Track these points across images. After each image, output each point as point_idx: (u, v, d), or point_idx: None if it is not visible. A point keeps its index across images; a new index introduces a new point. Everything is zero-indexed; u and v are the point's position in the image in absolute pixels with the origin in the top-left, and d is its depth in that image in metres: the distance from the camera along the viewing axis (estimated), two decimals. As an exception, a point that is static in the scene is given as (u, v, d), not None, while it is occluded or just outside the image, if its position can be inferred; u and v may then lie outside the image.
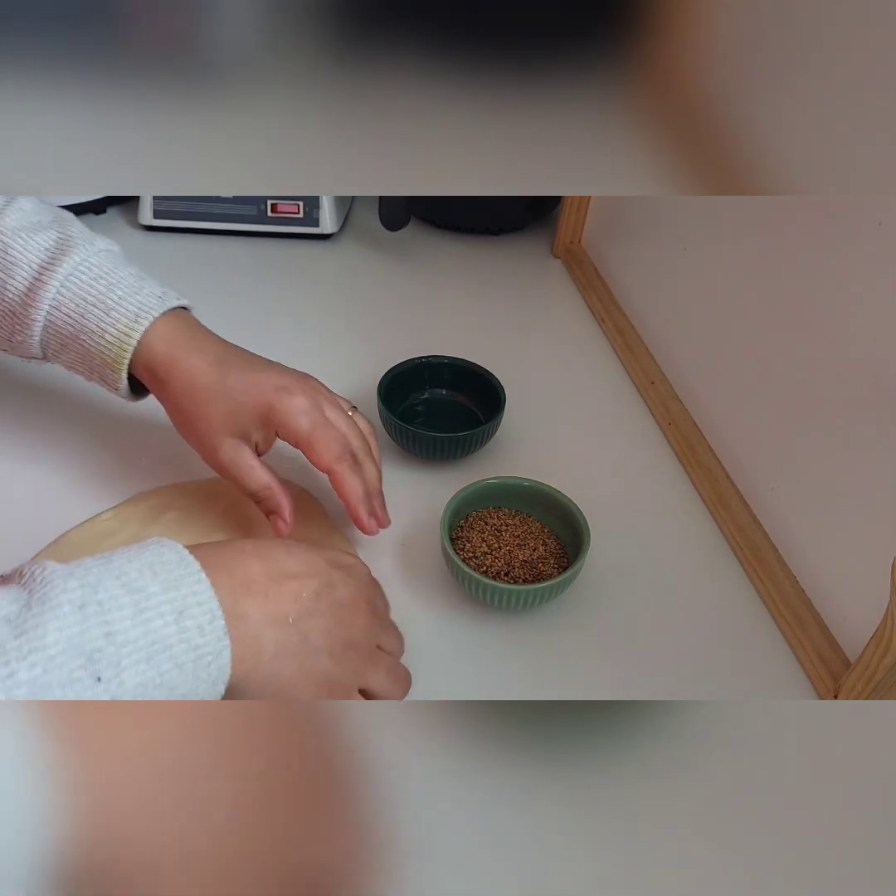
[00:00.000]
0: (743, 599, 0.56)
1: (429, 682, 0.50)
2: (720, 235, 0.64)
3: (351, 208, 0.98)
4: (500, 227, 0.95)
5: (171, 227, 0.90)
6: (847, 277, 0.50)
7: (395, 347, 0.71)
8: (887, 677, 0.44)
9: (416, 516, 0.60)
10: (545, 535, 0.56)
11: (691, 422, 0.68)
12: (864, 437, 0.49)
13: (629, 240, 0.81)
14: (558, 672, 0.51)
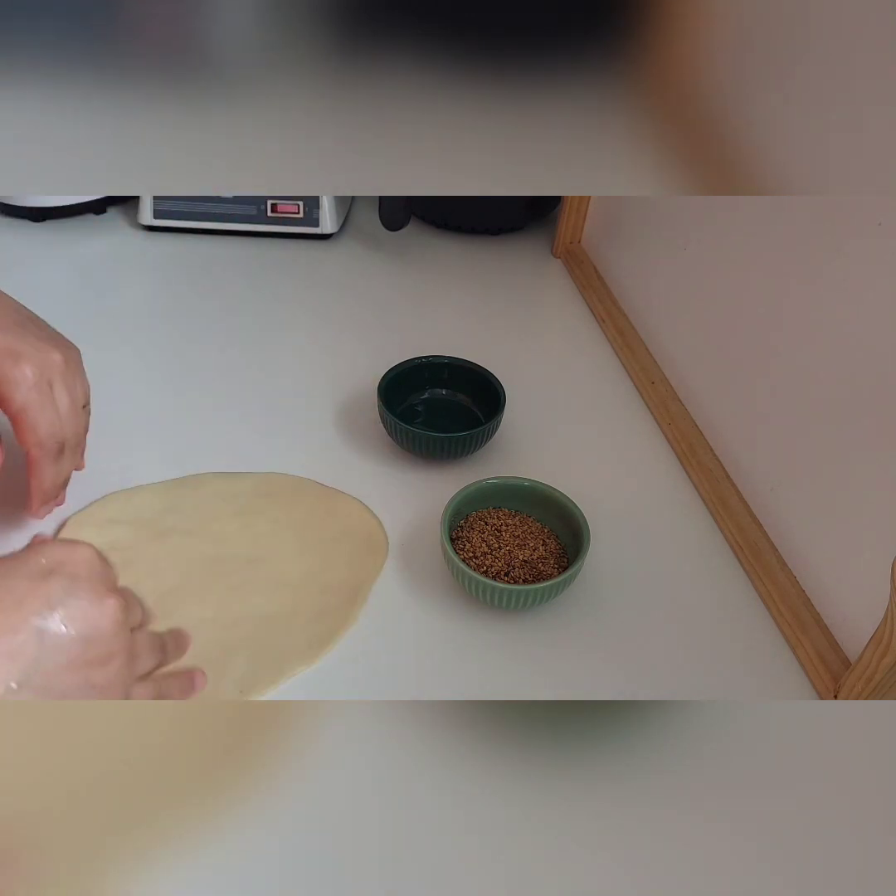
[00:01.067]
0: (743, 599, 0.56)
1: (429, 682, 0.50)
2: (720, 235, 0.64)
3: (351, 208, 0.98)
4: (500, 227, 0.95)
5: (171, 227, 0.90)
6: (847, 277, 0.50)
7: (395, 347, 0.71)
8: (887, 677, 0.44)
9: (416, 516, 0.60)
10: (545, 535, 0.56)
11: (691, 422, 0.68)
12: (864, 438, 0.49)
13: (629, 240, 0.81)
14: (558, 672, 0.51)
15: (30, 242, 0.86)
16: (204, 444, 0.65)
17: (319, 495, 0.61)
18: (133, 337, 0.76)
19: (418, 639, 0.52)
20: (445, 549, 0.53)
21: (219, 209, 0.89)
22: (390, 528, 0.59)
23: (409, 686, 0.50)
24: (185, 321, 0.79)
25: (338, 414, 0.69)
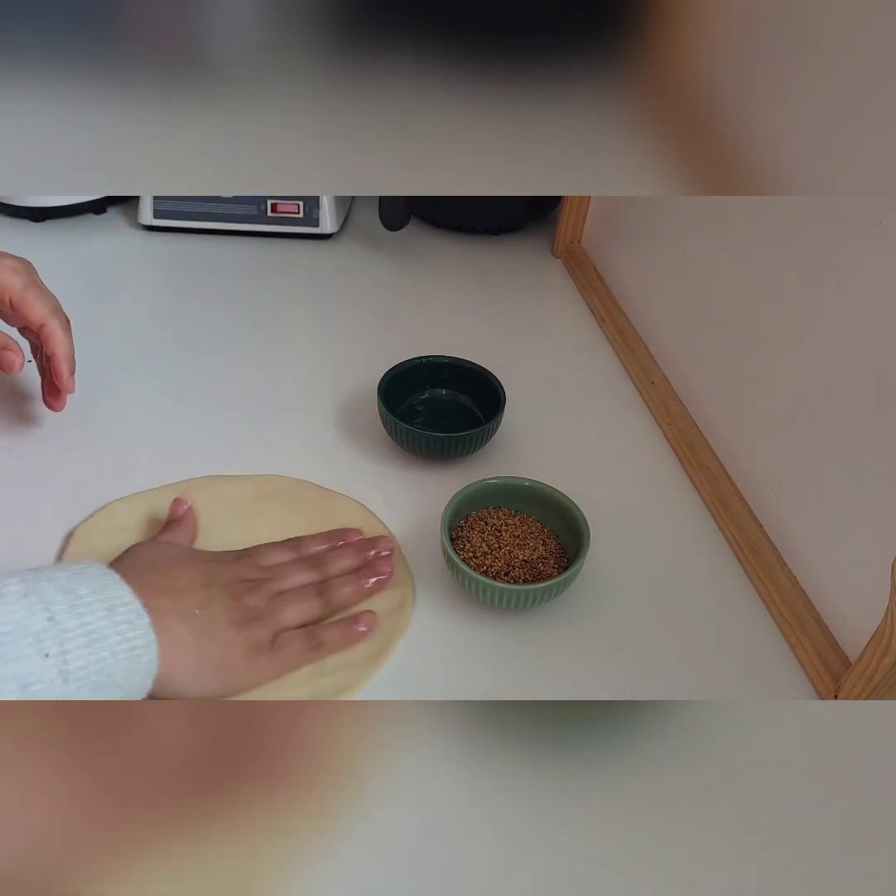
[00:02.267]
0: (743, 599, 0.56)
1: (429, 682, 0.50)
2: (720, 235, 0.64)
3: (351, 208, 0.98)
4: (500, 227, 0.95)
5: (171, 227, 0.90)
6: (847, 277, 0.50)
7: (395, 347, 0.71)
8: (887, 677, 0.44)
9: (416, 516, 0.60)
10: (545, 535, 0.56)
11: (691, 422, 0.68)
12: (864, 438, 0.49)
13: (629, 240, 0.81)
14: (558, 672, 0.51)
15: (30, 242, 0.86)
16: (204, 444, 0.65)
17: (319, 497, 0.61)
18: (133, 337, 0.76)
19: (418, 639, 0.52)
20: (445, 549, 0.53)
21: (219, 209, 0.89)
22: (390, 528, 0.59)
23: (408, 686, 0.50)
24: (184, 321, 0.79)
25: (338, 414, 0.69)
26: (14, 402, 0.67)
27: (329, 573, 0.53)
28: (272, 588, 0.50)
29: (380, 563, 0.54)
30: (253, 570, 0.51)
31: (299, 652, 0.49)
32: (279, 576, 0.51)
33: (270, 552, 0.54)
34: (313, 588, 0.52)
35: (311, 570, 0.53)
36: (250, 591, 0.49)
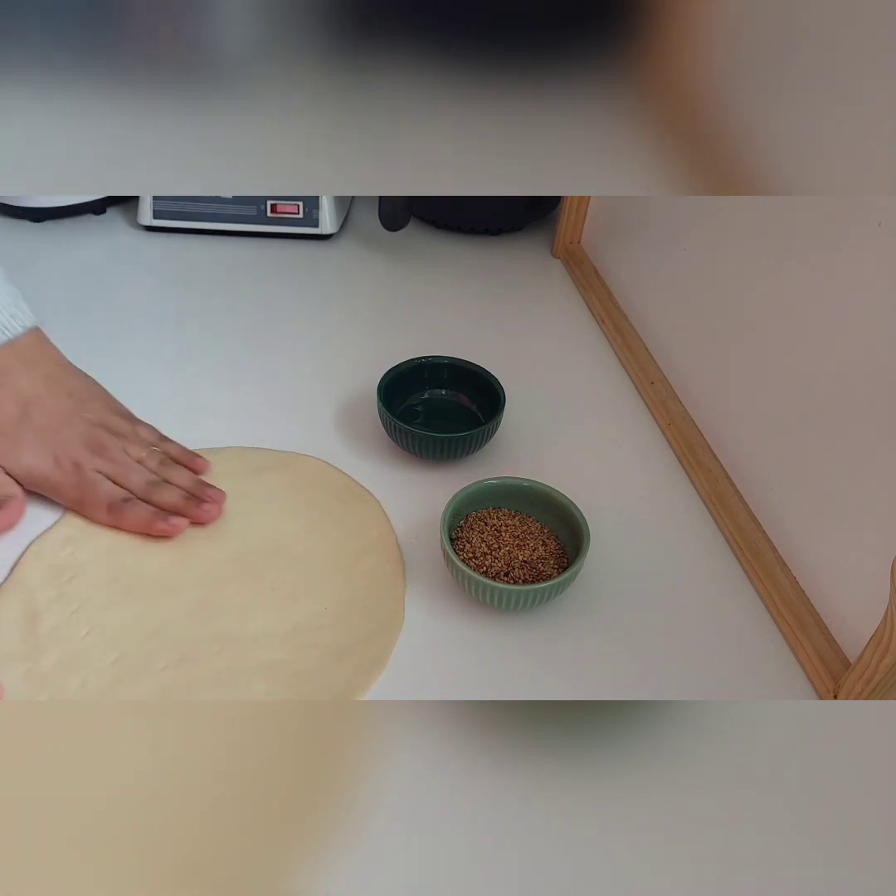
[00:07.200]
0: (743, 599, 0.56)
1: (429, 682, 0.50)
2: (720, 235, 0.64)
3: (351, 208, 0.98)
4: (500, 227, 0.95)
5: (171, 228, 0.90)
6: (847, 277, 0.50)
7: (395, 347, 0.71)
8: (887, 677, 0.44)
9: (416, 516, 0.60)
10: (545, 535, 0.56)
11: (691, 422, 0.68)
12: (864, 438, 0.49)
13: (629, 240, 0.81)
14: (558, 672, 0.51)
15: (30, 242, 0.86)
16: (204, 444, 0.65)
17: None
18: (133, 337, 0.76)
19: (417, 639, 0.52)
20: (445, 550, 0.53)
21: (219, 209, 0.89)
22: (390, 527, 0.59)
23: (408, 686, 0.50)
24: (184, 321, 0.79)
25: (337, 414, 0.69)
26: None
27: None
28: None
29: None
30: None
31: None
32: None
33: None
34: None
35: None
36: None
